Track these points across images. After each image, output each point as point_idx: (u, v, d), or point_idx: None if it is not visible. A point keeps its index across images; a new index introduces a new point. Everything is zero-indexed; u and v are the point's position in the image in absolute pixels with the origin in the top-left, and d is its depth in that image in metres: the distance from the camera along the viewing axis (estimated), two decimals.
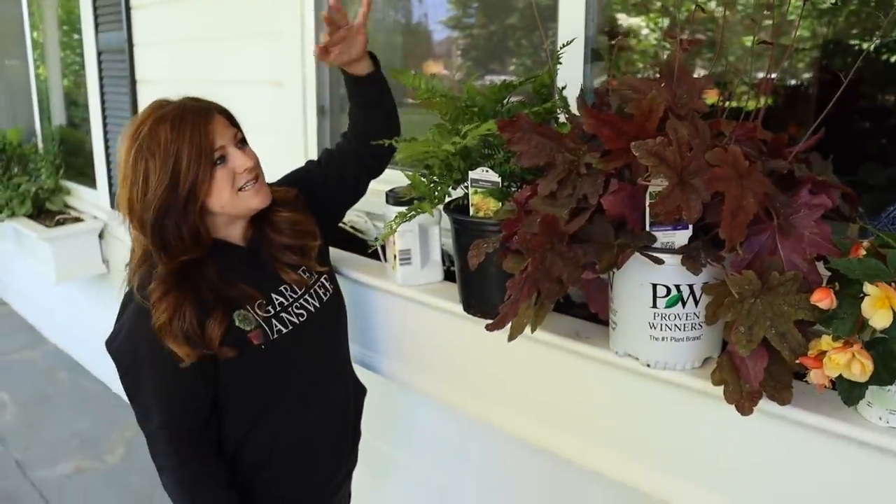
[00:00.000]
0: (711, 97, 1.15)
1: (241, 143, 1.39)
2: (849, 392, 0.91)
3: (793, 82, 1.62)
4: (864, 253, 0.91)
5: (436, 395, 1.62)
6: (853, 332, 0.89)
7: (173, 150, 1.28)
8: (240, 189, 1.36)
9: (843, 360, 0.86)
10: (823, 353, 0.90)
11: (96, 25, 3.53)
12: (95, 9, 3.51)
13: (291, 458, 1.51)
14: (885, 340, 0.88)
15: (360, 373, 1.72)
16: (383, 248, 1.69)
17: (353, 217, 2.09)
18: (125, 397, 1.41)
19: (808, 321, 0.94)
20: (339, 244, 1.87)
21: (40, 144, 4.61)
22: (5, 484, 3.41)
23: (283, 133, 2.48)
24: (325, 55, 1.46)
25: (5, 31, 5.01)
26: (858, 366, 0.86)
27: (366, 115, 1.60)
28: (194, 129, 1.29)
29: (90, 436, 3.82)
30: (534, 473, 1.85)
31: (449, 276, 1.60)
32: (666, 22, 1.46)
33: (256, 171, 1.38)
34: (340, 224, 1.97)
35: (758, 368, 0.97)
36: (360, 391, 1.72)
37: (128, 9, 3.27)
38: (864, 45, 1.42)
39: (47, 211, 4.12)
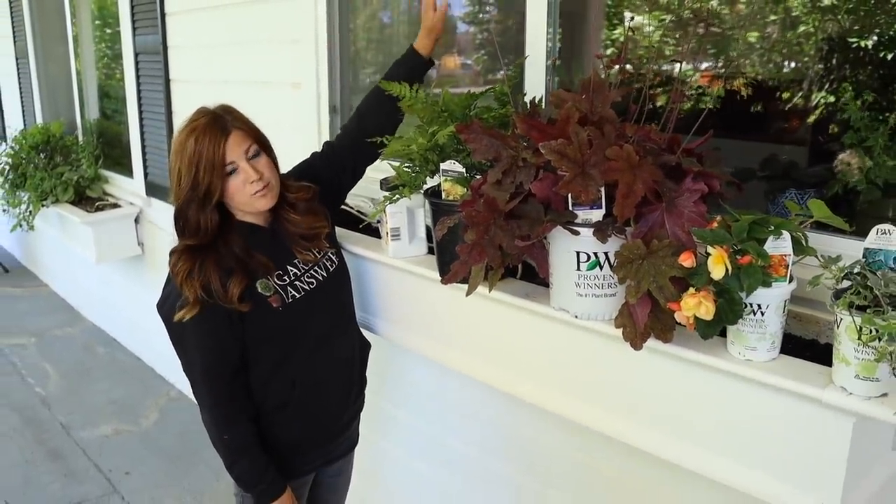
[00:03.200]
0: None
1: (255, 155, 1.70)
2: (704, 329, 1.22)
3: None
4: (716, 225, 1.22)
5: (420, 350, 1.94)
6: (707, 284, 1.19)
7: (195, 161, 1.64)
8: (251, 194, 1.69)
9: (692, 303, 1.17)
10: None
11: (134, 28, 3.89)
12: (133, 13, 3.87)
13: (307, 398, 1.84)
14: (728, 289, 1.19)
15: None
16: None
17: (360, 203, 2.42)
18: (158, 368, 1.77)
19: (681, 277, 1.25)
20: (348, 225, 2.19)
21: (80, 136, 4.99)
22: (53, 443, 3.81)
23: (300, 128, 2.81)
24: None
25: (48, 28, 5.38)
26: (704, 308, 1.16)
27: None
28: (211, 145, 1.63)
29: (126, 402, 4.21)
30: (512, 422, 2.18)
31: (433, 250, 1.92)
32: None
33: (264, 181, 1.70)
34: (349, 209, 2.31)
35: (644, 313, 1.28)
36: (365, 345, 2.06)
37: (163, 14, 3.63)
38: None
39: (88, 198, 4.50)
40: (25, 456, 3.68)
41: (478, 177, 1.52)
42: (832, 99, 1.65)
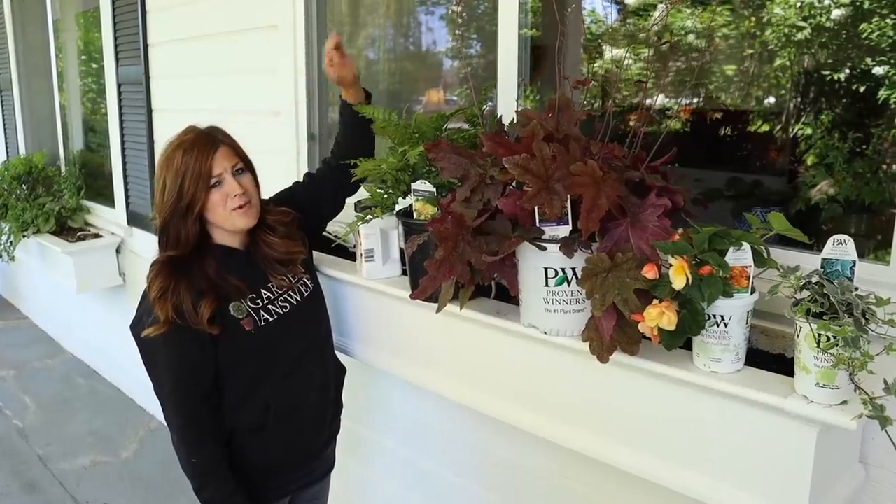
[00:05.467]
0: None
1: (240, 171, 1.74)
2: (668, 340, 1.23)
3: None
4: (678, 237, 1.24)
5: (394, 370, 1.94)
6: (669, 294, 1.21)
7: (182, 171, 1.66)
8: (232, 209, 1.71)
9: (655, 313, 1.18)
10: None
11: (117, 60, 3.93)
12: (116, 45, 3.91)
13: (281, 422, 1.83)
14: (690, 300, 1.21)
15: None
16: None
17: (338, 228, 2.43)
18: (138, 399, 1.75)
19: (645, 289, 1.27)
20: (324, 249, 2.20)
21: (63, 167, 5.00)
22: (29, 475, 3.75)
23: (280, 155, 2.84)
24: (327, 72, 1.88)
25: (32, 60, 5.42)
26: (667, 318, 1.18)
27: (351, 134, 1.94)
28: (199, 157, 1.66)
29: (105, 434, 4.15)
30: (485, 441, 2.17)
31: (407, 272, 1.93)
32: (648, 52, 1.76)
33: (247, 197, 1.72)
34: (326, 233, 2.32)
35: (609, 325, 1.30)
36: (340, 370, 2.05)
37: (145, 46, 3.66)
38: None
39: (69, 228, 4.48)
40: (0, 488, 3.62)
41: (448, 195, 1.54)
42: (800, 127, 1.69)
